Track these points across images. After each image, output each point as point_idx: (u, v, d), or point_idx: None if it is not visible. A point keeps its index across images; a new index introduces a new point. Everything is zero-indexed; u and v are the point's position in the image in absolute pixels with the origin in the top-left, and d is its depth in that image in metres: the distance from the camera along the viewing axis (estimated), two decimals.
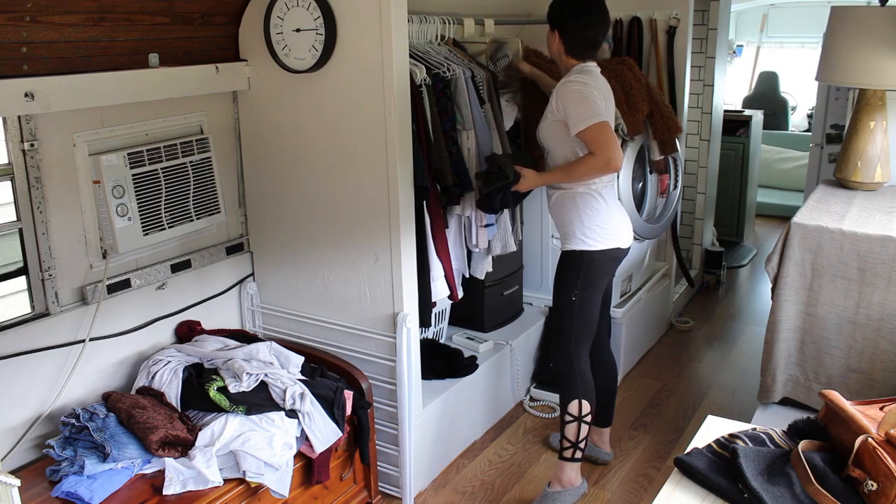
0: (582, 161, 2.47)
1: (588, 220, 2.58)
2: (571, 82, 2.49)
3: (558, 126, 2.53)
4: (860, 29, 2.71)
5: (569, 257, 2.62)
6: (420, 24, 2.80)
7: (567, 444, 2.65)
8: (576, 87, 2.48)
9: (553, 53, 2.59)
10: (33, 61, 2.10)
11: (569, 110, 2.46)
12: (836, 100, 4.73)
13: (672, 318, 4.42)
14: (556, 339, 2.71)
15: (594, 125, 2.41)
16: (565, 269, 2.64)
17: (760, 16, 7.94)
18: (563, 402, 2.66)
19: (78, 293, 2.37)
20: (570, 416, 2.63)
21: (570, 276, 2.62)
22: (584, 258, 2.59)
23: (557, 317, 2.69)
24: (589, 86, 2.48)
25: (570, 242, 2.61)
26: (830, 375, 2.59)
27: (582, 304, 2.61)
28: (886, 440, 1.30)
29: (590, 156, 2.44)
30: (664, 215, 3.92)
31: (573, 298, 2.60)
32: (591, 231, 2.58)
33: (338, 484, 2.57)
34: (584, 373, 2.65)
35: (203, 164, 2.64)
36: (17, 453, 2.23)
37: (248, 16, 2.65)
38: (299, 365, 2.54)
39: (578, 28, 2.51)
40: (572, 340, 2.64)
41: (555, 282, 2.69)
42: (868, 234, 2.45)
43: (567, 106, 2.47)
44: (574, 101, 2.46)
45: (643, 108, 3.40)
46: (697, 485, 1.43)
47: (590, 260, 2.60)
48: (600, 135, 2.42)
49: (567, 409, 2.64)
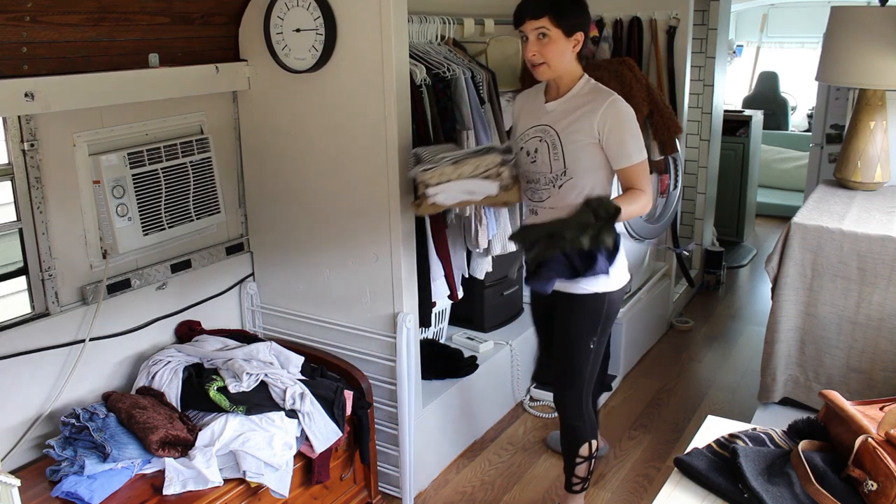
0: (637, 197, 2.17)
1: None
2: (623, 101, 2.19)
3: (593, 150, 2.21)
4: (860, 29, 2.71)
5: (587, 301, 2.30)
6: (420, 24, 2.80)
7: (577, 481, 2.55)
8: (630, 110, 2.18)
9: (564, 63, 2.20)
10: (33, 61, 2.10)
11: (623, 138, 2.16)
12: (836, 100, 4.73)
13: (672, 318, 4.42)
14: (566, 380, 2.44)
15: (645, 161, 2.19)
16: (583, 315, 2.33)
17: (760, 16, 7.94)
18: (574, 446, 2.50)
19: (78, 293, 2.37)
20: (581, 457, 2.51)
21: (589, 321, 2.33)
22: (606, 300, 2.31)
23: (569, 359, 2.40)
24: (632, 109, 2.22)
25: (589, 284, 2.25)
26: (830, 375, 2.59)
27: (598, 348, 2.38)
28: (886, 440, 1.30)
29: (641, 193, 2.18)
30: (664, 215, 3.93)
31: (591, 346, 2.35)
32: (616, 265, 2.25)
33: (338, 484, 2.57)
34: (591, 414, 2.49)
35: (203, 164, 2.64)
36: (17, 453, 2.23)
37: (248, 16, 2.65)
38: (299, 365, 2.54)
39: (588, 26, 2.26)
40: (585, 386, 2.42)
41: (567, 325, 2.37)
42: (868, 234, 2.45)
43: (622, 133, 2.16)
44: (630, 130, 2.17)
45: (643, 109, 3.39)
46: (697, 485, 1.43)
47: (611, 301, 2.33)
48: (647, 170, 2.19)
49: (578, 453, 2.50)
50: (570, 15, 2.15)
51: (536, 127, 2.28)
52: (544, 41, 2.14)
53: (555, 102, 2.27)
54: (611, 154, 2.19)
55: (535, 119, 2.30)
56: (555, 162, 2.24)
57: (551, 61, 2.17)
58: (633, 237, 3.70)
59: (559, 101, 2.26)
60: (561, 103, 2.26)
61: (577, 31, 2.16)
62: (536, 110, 2.32)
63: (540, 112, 2.30)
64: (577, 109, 2.21)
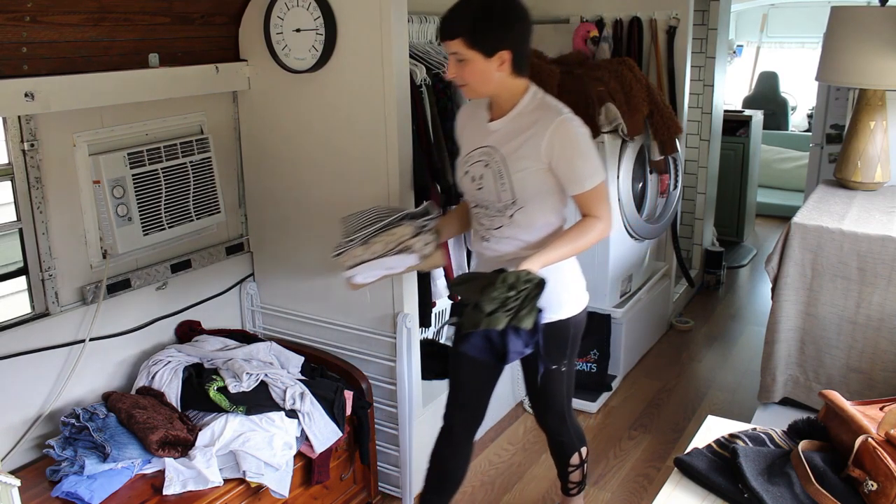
0: (589, 228, 1.99)
1: (573, 278, 2.18)
2: (572, 121, 1.97)
3: (543, 176, 2.00)
4: (860, 29, 2.71)
5: (551, 331, 2.09)
6: (420, 24, 2.80)
7: (572, 486, 2.54)
8: (582, 129, 1.98)
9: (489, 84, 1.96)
10: (33, 61, 2.10)
11: (574, 163, 1.96)
12: (836, 100, 4.72)
13: (672, 318, 4.42)
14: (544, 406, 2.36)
15: (603, 183, 2.00)
16: (553, 345, 2.15)
17: (760, 16, 7.94)
18: (563, 458, 2.47)
19: (78, 293, 2.37)
20: (573, 465, 2.48)
21: (556, 350, 2.18)
22: (572, 324, 2.17)
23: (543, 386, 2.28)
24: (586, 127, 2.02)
25: (555, 312, 2.09)
26: (830, 375, 2.59)
27: (570, 369, 2.27)
28: (886, 440, 1.30)
29: (595, 220, 2.00)
30: (664, 215, 3.93)
31: (562, 370, 2.24)
32: (575, 291, 2.18)
33: (338, 484, 2.57)
34: (574, 425, 2.42)
35: (203, 164, 2.64)
36: (17, 453, 2.23)
37: (248, 16, 2.65)
38: (299, 365, 2.54)
39: (527, 38, 1.99)
40: (566, 408, 2.35)
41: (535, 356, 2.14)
42: (868, 234, 2.45)
43: (573, 157, 1.96)
44: (581, 152, 1.97)
45: (643, 109, 3.40)
46: (697, 485, 1.43)
47: (575, 325, 2.19)
48: (604, 193, 2.02)
49: (569, 463, 2.47)
50: (486, 35, 1.89)
51: (481, 149, 2.05)
52: (462, 64, 1.93)
53: (499, 122, 2.04)
54: (562, 179, 2.00)
55: (479, 139, 2.07)
56: (502, 192, 2.02)
57: (472, 84, 1.96)
58: (633, 237, 3.71)
59: (503, 120, 2.03)
60: (505, 123, 2.03)
61: (498, 50, 1.90)
62: (479, 129, 2.09)
63: (483, 131, 2.07)
64: (523, 132, 1.98)
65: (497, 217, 2.08)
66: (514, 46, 1.93)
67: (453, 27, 1.91)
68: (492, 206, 2.08)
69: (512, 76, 1.98)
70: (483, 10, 1.88)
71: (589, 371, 3.56)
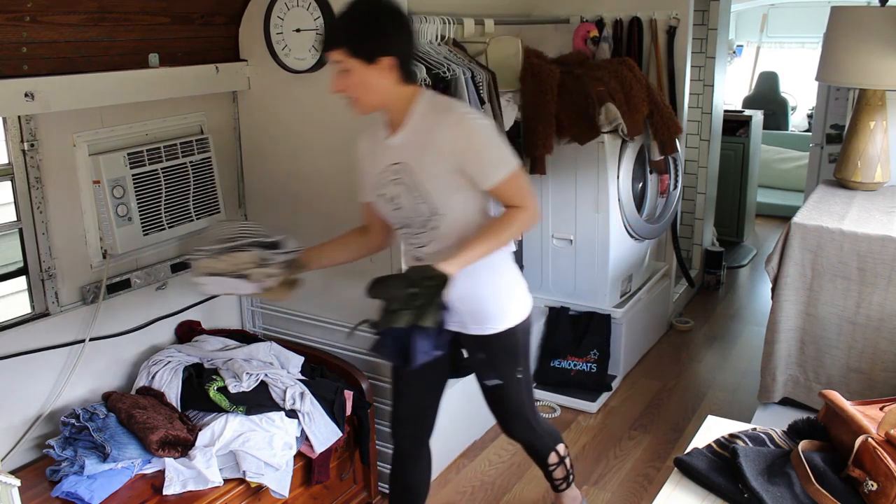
0: (510, 219, 1.92)
1: (514, 283, 2.12)
2: (469, 114, 1.93)
3: (457, 178, 1.91)
4: (860, 29, 2.71)
5: (502, 339, 2.08)
6: (420, 24, 2.80)
7: (559, 482, 2.50)
8: (482, 121, 1.93)
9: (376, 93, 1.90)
10: (33, 61, 2.10)
11: (481, 156, 1.90)
12: (836, 100, 4.72)
13: (672, 318, 4.42)
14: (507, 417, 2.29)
15: (517, 170, 1.92)
16: (502, 355, 2.13)
17: (760, 16, 7.93)
18: (541, 459, 2.42)
19: (78, 293, 2.37)
20: (553, 464, 2.42)
21: (512, 360, 2.14)
22: (519, 331, 2.12)
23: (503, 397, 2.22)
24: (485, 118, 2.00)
25: (499, 321, 2.06)
26: (830, 375, 2.59)
27: (525, 375, 2.21)
28: (886, 440, 1.30)
29: (516, 210, 1.92)
30: (664, 215, 3.93)
31: (519, 376, 2.18)
32: (518, 296, 2.12)
33: (338, 484, 2.57)
34: (546, 425, 2.37)
35: (203, 164, 2.64)
36: (17, 453, 2.23)
37: (248, 16, 2.65)
38: (299, 365, 2.55)
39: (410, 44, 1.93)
40: (529, 413, 2.28)
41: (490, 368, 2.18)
42: (868, 234, 2.45)
43: (478, 150, 1.89)
44: (486, 144, 1.90)
45: (643, 109, 3.40)
46: (697, 485, 1.43)
47: (524, 331, 2.14)
48: (523, 180, 1.93)
49: (548, 462, 2.41)
50: (366, 41, 1.84)
51: (390, 167, 1.98)
52: (346, 75, 1.87)
53: (398, 136, 1.96)
54: (473, 177, 1.91)
55: (384, 159, 1.99)
56: (420, 205, 1.95)
57: (358, 95, 1.90)
58: (633, 237, 3.71)
59: (401, 132, 1.95)
60: (405, 134, 1.95)
61: (380, 55, 1.84)
62: (381, 150, 2.01)
63: (385, 150, 1.99)
64: (425, 138, 1.91)
65: (422, 233, 2.01)
66: (397, 52, 1.87)
67: (334, 37, 1.88)
68: (414, 224, 2.00)
69: (399, 84, 1.91)
70: (363, 17, 1.85)
71: (589, 371, 3.56)
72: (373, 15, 1.85)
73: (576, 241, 3.62)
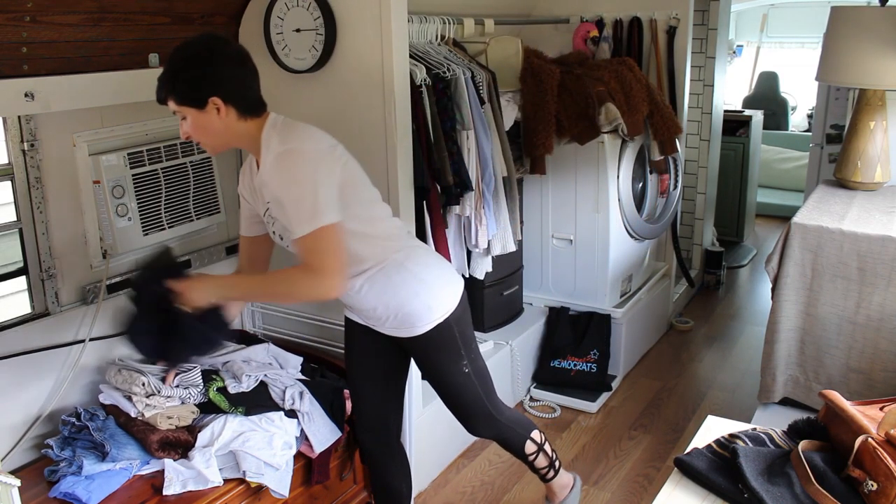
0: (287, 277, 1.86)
1: (434, 277, 2.04)
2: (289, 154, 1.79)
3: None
4: (860, 29, 2.71)
5: (434, 336, 2.03)
6: (420, 24, 2.80)
7: (544, 471, 2.46)
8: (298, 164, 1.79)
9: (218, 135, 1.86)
10: (33, 61, 2.10)
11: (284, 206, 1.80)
12: (836, 100, 4.72)
13: (672, 318, 4.42)
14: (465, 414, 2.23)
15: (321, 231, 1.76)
16: (439, 350, 2.07)
17: (760, 16, 7.93)
18: (517, 451, 2.36)
19: (78, 293, 2.37)
20: (531, 454, 2.37)
21: (449, 352, 2.08)
22: (453, 322, 2.04)
23: (455, 397, 2.18)
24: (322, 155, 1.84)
25: (425, 320, 2.01)
26: (830, 375, 2.59)
27: (474, 366, 2.14)
28: (886, 440, 1.30)
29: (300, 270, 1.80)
30: (664, 215, 3.93)
31: (466, 370, 2.12)
32: (441, 289, 2.04)
33: (338, 484, 2.57)
34: (512, 415, 2.31)
35: (203, 164, 2.64)
36: (16, 453, 2.23)
37: (248, 16, 2.65)
38: (298, 365, 2.54)
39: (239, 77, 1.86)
40: (489, 406, 2.22)
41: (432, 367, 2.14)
42: (868, 234, 2.45)
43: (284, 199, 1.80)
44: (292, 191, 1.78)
45: (643, 109, 3.40)
46: (697, 485, 1.43)
47: (457, 319, 2.06)
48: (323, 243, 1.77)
49: (525, 454, 2.36)
50: (187, 87, 1.79)
51: (267, 204, 1.94)
52: (185, 122, 1.84)
53: (260, 172, 1.91)
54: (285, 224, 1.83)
55: (260, 195, 1.96)
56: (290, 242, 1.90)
57: (202, 139, 1.87)
58: (633, 237, 3.71)
59: (262, 169, 1.90)
60: (263, 171, 1.89)
61: (208, 97, 1.79)
62: (254, 185, 1.98)
63: (258, 186, 1.96)
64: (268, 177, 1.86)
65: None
66: (226, 89, 1.81)
67: (160, 92, 1.85)
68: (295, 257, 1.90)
69: (241, 121, 1.86)
70: (180, 65, 1.81)
71: (589, 371, 3.56)
72: (190, 60, 1.81)
73: (576, 241, 3.63)
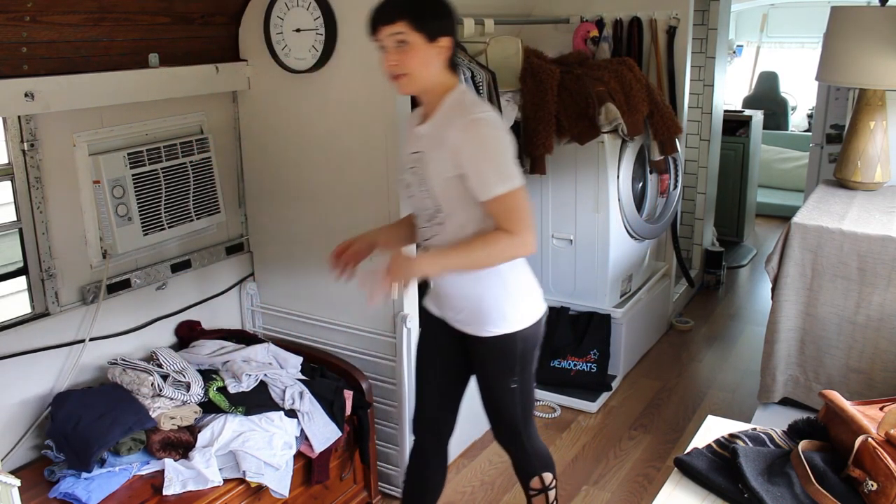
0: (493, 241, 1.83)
1: (519, 289, 2.00)
2: (481, 121, 1.83)
3: (458, 183, 1.86)
4: (860, 29, 2.71)
5: (497, 344, 2.00)
6: None
7: None
8: (491, 130, 1.84)
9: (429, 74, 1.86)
10: (33, 61, 2.10)
11: (480, 167, 1.81)
12: (836, 100, 4.72)
13: (672, 318, 4.41)
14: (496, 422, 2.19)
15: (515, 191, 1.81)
16: (496, 358, 2.04)
17: (760, 16, 7.93)
18: (524, 477, 2.27)
19: (78, 293, 2.37)
20: (534, 490, 2.26)
21: (503, 364, 2.04)
22: (519, 339, 2.00)
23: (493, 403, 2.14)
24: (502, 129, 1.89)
25: (495, 325, 1.98)
26: (830, 375, 2.59)
27: (523, 386, 2.09)
28: (886, 440, 1.30)
29: (503, 234, 1.82)
30: (664, 215, 3.93)
31: (513, 386, 2.07)
32: (521, 302, 2.01)
33: (338, 484, 2.57)
34: (537, 448, 2.23)
35: (203, 164, 2.64)
36: (16, 453, 2.23)
37: (248, 16, 2.65)
38: (297, 365, 2.54)
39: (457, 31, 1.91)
40: (521, 425, 2.15)
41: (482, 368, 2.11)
42: (868, 234, 2.45)
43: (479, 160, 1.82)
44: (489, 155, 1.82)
45: (643, 109, 3.40)
46: (697, 485, 1.43)
47: (525, 339, 2.01)
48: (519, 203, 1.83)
49: (529, 485, 2.26)
50: (431, 17, 1.82)
51: (412, 155, 1.95)
52: (404, 49, 1.81)
53: (425, 125, 1.93)
54: (470, 186, 1.83)
55: (411, 145, 1.97)
56: (426, 199, 1.92)
57: (414, 72, 1.84)
58: (633, 237, 3.71)
59: (428, 123, 1.92)
60: (430, 126, 1.91)
61: (441, 35, 1.82)
62: (411, 135, 2.00)
63: (414, 136, 1.97)
64: (440, 135, 1.86)
65: (428, 227, 1.98)
66: (452, 35, 1.86)
67: (395, 8, 1.82)
68: (422, 215, 1.98)
69: (446, 70, 1.89)
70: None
71: (589, 371, 3.56)
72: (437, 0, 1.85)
73: (576, 241, 3.62)
